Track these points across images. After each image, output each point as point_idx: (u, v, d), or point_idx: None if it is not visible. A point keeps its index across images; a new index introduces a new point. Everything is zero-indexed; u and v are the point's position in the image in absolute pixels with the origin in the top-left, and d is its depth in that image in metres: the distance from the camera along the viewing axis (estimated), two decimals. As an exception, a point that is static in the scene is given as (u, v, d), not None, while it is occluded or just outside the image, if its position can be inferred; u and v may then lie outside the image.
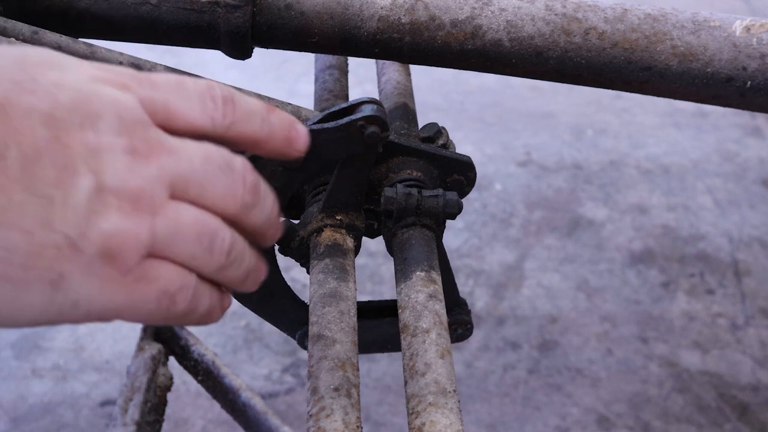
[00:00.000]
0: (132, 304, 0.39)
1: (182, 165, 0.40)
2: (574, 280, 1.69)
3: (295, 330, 0.75)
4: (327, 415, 0.49)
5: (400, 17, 0.71)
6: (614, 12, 0.73)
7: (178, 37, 0.72)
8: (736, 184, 1.98)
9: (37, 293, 0.36)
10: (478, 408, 1.43)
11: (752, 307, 1.64)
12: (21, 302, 0.36)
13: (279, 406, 1.41)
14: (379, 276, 1.66)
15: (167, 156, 0.39)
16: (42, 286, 0.36)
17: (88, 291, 0.38)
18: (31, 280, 0.36)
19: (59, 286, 0.37)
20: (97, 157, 0.37)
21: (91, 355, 1.49)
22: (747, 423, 1.41)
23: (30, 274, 0.36)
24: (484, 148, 2.06)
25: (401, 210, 0.66)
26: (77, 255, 0.37)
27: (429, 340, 0.56)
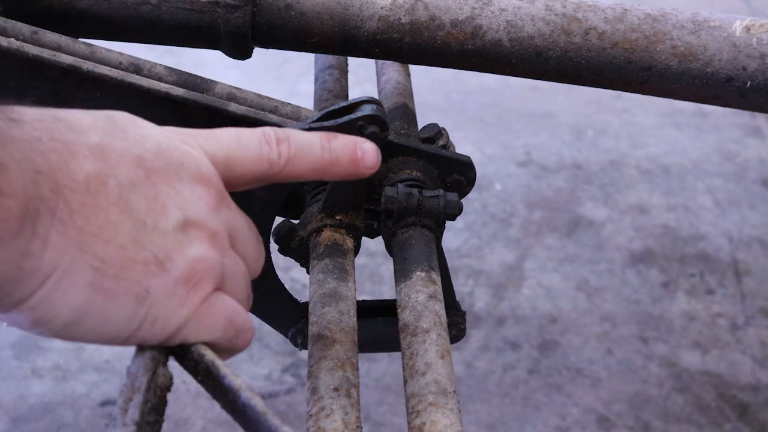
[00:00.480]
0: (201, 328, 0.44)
1: (238, 223, 0.47)
2: (574, 280, 1.69)
3: (287, 328, 0.75)
4: (327, 415, 0.49)
5: (400, 17, 0.71)
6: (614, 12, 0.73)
7: (178, 37, 0.73)
8: (736, 184, 1.98)
9: (124, 305, 0.40)
10: (478, 408, 1.43)
11: (752, 307, 1.64)
12: (108, 312, 0.40)
13: (279, 406, 1.41)
14: (379, 276, 1.66)
15: (228, 210, 0.46)
16: (128, 298, 0.40)
17: (166, 309, 0.42)
18: (120, 292, 0.40)
19: (144, 301, 0.41)
20: (182, 197, 0.43)
21: (91, 355, 1.49)
22: (747, 423, 1.41)
23: (120, 285, 0.40)
24: (484, 148, 2.06)
25: (402, 209, 0.66)
26: (163, 274, 0.41)
27: (429, 340, 0.56)
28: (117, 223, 0.40)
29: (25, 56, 0.63)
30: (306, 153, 0.48)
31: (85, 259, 0.39)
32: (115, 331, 0.41)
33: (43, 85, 0.64)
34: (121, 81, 0.64)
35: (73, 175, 0.39)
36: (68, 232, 0.38)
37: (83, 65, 0.64)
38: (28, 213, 0.37)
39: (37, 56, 0.63)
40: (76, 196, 0.39)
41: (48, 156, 0.38)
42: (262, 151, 0.47)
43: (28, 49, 0.63)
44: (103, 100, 0.65)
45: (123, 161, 0.41)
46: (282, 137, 0.48)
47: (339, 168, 0.50)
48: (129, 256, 0.40)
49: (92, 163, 0.40)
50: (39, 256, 0.37)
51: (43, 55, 0.63)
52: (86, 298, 0.39)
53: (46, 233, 0.37)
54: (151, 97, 0.65)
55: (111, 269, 0.39)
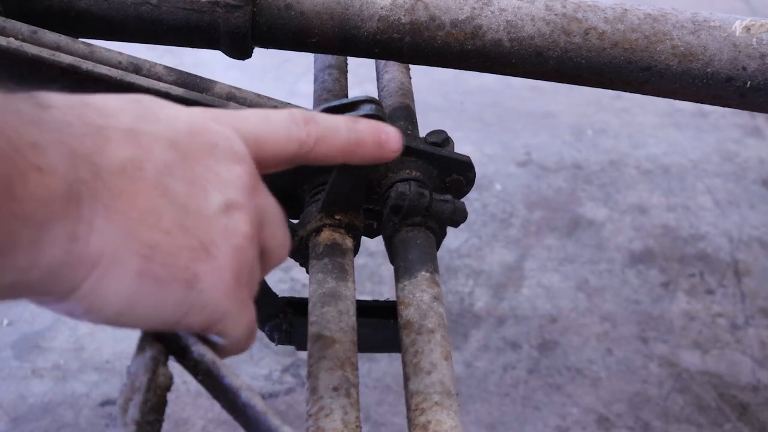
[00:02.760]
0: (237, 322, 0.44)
1: (270, 206, 0.46)
2: (574, 280, 1.69)
3: (264, 323, 0.75)
4: (326, 415, 0.49)
5: (400, 17, 0.71)
6: (614, 12, 0.73)
7: (178, 37, 0.73)
8: (736, 184, 1.98)
9: (174, 291, 0.40)
10: (478, 408, 1.42)
11: (752, 307, 1.64)
12: (159, 299, 0.39)
13: (279, 406, 1.41)
14: (379, 276, 1.66)
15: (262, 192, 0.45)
16: (178, 284, 0.40)
17: (213, 296, 0.41)
18: (169, 278, 0.39)
19: (193, 286, 0.40)
20: (220, 178, 0.42)
21: (91, 355, 1.49)
22: (747, 423, 1.41)
23: (169, 271, 0.39)
24: (484, 148, 2.06)
25: (411, 208, 0.66)
26: (210, 260, 0.41)
27: (434, 341, 0.56)
28: (160, 207, 0.39)
29: (24, 56, 0.63)
30: (333, 134, 0.47)
31: (132, 246, 0.38)
32: (165, 316, 0.40)
33: (42, 85, 0.64)
34: (120, 80, 0.64)
35: (110, 159, 0.38)
36: (112, 216, 0.37)
37: (83, 65, 0.64)
38: (71, 194, 0.35)
39: (36, 56, 0.63)
40: (115, 180, 0.37)
41: (82, 140, 0.37)
42: (291, 131, 0.46)
43: (27, 49, 0.63)
44: (103, 100, 0.65)
45: (156, 145, 0.40)
46: (309, 117, 0.47)
47: (365, 150, 0.49)
48: (175, 241, 0.39)
49: (126, 147, 0.38)
50: (86, 240, 0.36)
51: (43, 54, 0.63)
52: (136, 285, 0.38)
53: (90, 217, 0.36)
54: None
55: (159, 256, 0.39)
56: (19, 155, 0.33)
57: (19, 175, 0.33)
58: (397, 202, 0.66)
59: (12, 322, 1.54)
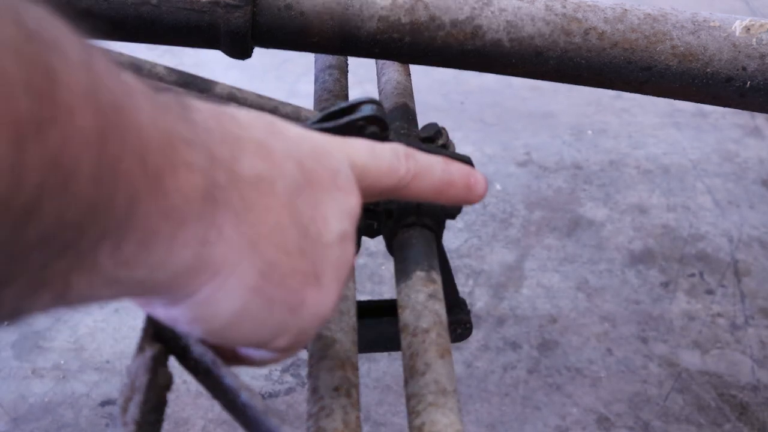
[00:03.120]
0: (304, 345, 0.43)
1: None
2: (574, 280, 1.69)
3: None
4: (327, 415, 0.49)
5: (400, 17, 0.71)
6: (614, 12, 0.73)
7: (178, 37, 0.72)
8: (736, 184, 1.98)
9: (280, 312, 0.39)
10: (478, 408, 1.43)
11: (752, 307, 1.64)
12: (264, 317, 0.39)
13: (279, 406, 1.41)
14: (379, 276, 1.66)
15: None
16: (285, 306, 0.39)
17: (311, 323, 0.41)
18: (279, 299, 0.39)
19: (297, 311, 0.40)
20: (339, 207, 0.41)
21: (91, 355, 1.49)
22: (747, 423, 1.41)
23: (281, 293, 0.38)
24: (483, 148, 2.06)
25: (401, 210, 0.66)
26: (318, 288, 0.40)
27: (429, 340, 0.56)
28: (286, 227, 0.38)
29: (25, 56, 0.63)
30: (429, 172, 0.47)
31: (254, 261, 0.37)
32: (263, 336, 0.40)
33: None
34: (121, 81, 0.64)
35: (245, 170, 0.37)
36: (241, 227, 0.36)
37: (83, 65, 0.64)
38: (208, 197, 0.35)
39: (37, 56, 0.63)
40: (249, 192, 0.37)
41: (221, 146, 0.36)
42: (393, 165, 0.46)
43: (28, 49, 0.63)
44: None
45: (287, 163, 0.39)
46: (410, 154, 0.47)
47: (454, 191, 0.49)
48: (293, 264, 0.38)
49: (260, 161, 0.38)
50: (214, 246, 0.35)
51: (43, 55, 0.63)
52: (248, 301, 0.38)
53: (222, 223, 0.35)
54: (151, 97, 0.65)
55: (276, 275, 0.38)
56: (171, 148, 0.33)
57: (171, 168, 0.32)
58: (387, 206, 0.66)
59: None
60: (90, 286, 0.32)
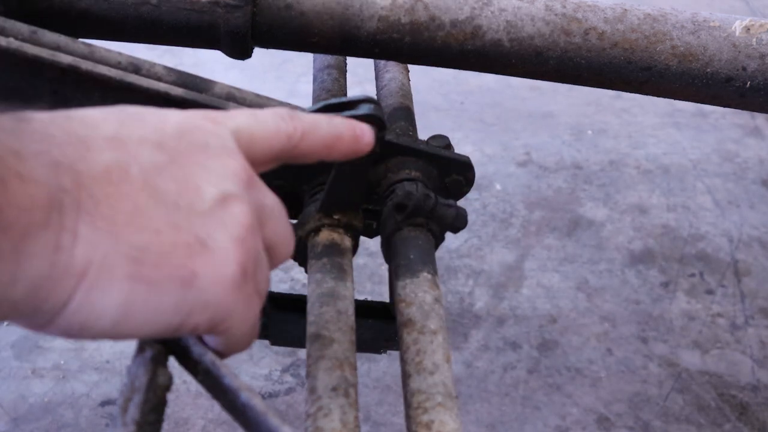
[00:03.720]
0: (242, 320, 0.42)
1: (270, 201, 0.45)
2: (574, 280, 1.69)
3: None
4: (325, 415, 0.49)
5: (400, 17, 0.71)
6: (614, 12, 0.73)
7: (178, 37, 0.72)
8: (736, 184, 1.98)
9: (171, 292, 0.38)
10: (478, 408, 1.43)
11: (752, 307, 1.64)
12: (155, 302, 0.38)
13: (279, 406, 1.41)
14: (379, 276, 1.66)
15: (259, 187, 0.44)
16: (174, 284, 0.38)
17: (215, 291, 0.40)
18: (163, 279, 0.38)
19: (191, 284, 0.39)
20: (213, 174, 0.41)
21: (91, 355, 1.49)
22: (747, 423, 1.41)
23: (163, 272, 0.38)
24: (483, 148, 2.06)
25: (416, 208, 0.66)
26: (208, 254, 0.39)
27: (437, 342, 0.56)
28: (147, 208, 0.38)
29: (24, 56, 0.63)
30: (315, 128, 0.48)
31: (120, 250, 0.36)
32: (166, 320, 0.39)
33: (42, 85, 0.64)
34: (120, 81, 0.64)
35: (92, 165, 0.37)
36: (96, 223, 0.36)
37: (82, 65, 0.64)
38: (53, 203, 0.34)
39: (36, 56, 0.63)
40: (99, 186, 0.37)
41: (64, 149, 0.36)
42: (279, 126, 0.46)
43: (27, 49, 0.63)
44: (102, 100, 0.65)
45: (142, 148, 0.39)
46: (292, 113, 0.48)
47: (343, 144, 0.49)
48: (167, 240, 0.38)
49: (110, 153, 0.38)
50: (70, 250, 0.35)
51: (43, 54, 0.63)
52: (128, 291, 0.37)
53: (74, 225, 0.35)
54: (151, 97, 0.65)
55: (150, 256, 0.37)
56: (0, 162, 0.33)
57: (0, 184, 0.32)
58: (402, 201, 0.66)
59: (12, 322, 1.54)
60: None
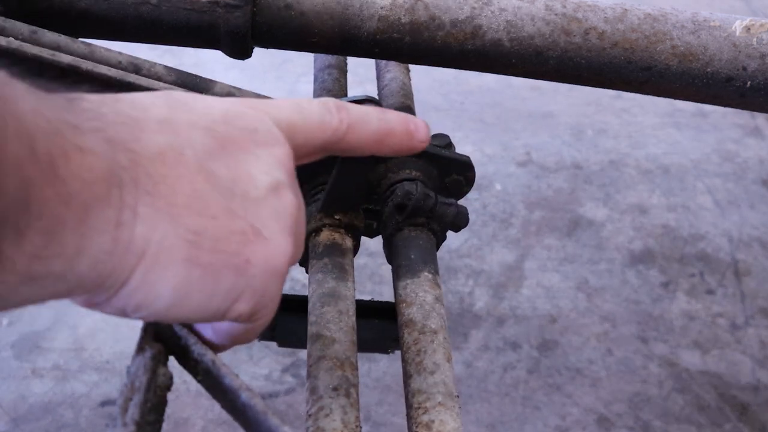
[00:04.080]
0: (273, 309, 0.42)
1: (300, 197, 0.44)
2: (574, 280, 1.69)
3: None
4: (326, 415, 0.49)
5: (400, 17, 0.71)
6: (614, 12, 0.72)
7: (178, 37, 0.72)
8: (736, 184, 1.98)
9: (225, 278, 0.38)
10: (478, 408, 1.42)
11: (752, 307, 1.64)
12: (210, 287, 0.38)
13: (279, 406, 1.41)
14: (379, 276, 1.66)
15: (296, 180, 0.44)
16: (229, 270, 0.38)
17: (266, 280, 0.40)
18: (219, 265, 0.38)
19: (245, 272, 0.39)
20: (264, 161, 0.41)
21: (91, 355, 1.49)
22: (747, 423, 1.41)
23: (218, 258, 0.38)
24: (484, 148, 2.06)
25: (417, 208, 0.66)
26: (263, 243, 0.39)
27: (437, 341, 0.56)
28: (204, 192, 0.37)
29: (23, 55, 0.63)
30: (364, 122, 0.46)
31: (178, 233, 0.36)
32: (216, 305, 0.39)
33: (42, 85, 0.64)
34: (120, 80, 0.64)
35: (147, 146, 0.36)
36: (156, 203, 0.36)
37: (82, 65, 0.64)
38: (112, 179, 0.34)
39: (36, 55, 0.63)
40: (155, 167, 0.36)
41: (117, 129, 0.36)
42: (324, 119, 0.45)
43: (27, 49, 0.63)
44: (103, 100, 0.65)
45: (194, 132, 0.38)
46: (341, 105, 0.46)
47: (394, 139, 0.48)
48: (223, 226, 0.38)
49: (162, 135, 0.37)
50: (131, 227, 0.35)
51: (42, 54, 0.63)
52: (185, 274, 0.37)
53: (134, 203, 0.35)
54: (151, 97, 0.65)
55: (207, 242, 0.37)
56: (59, 135, 0.33)
57: (62, 154, 0.32)
58: (402, 200, 0.66)
59: (12, 322, 1.54)
60: (6, 285, 0.31)
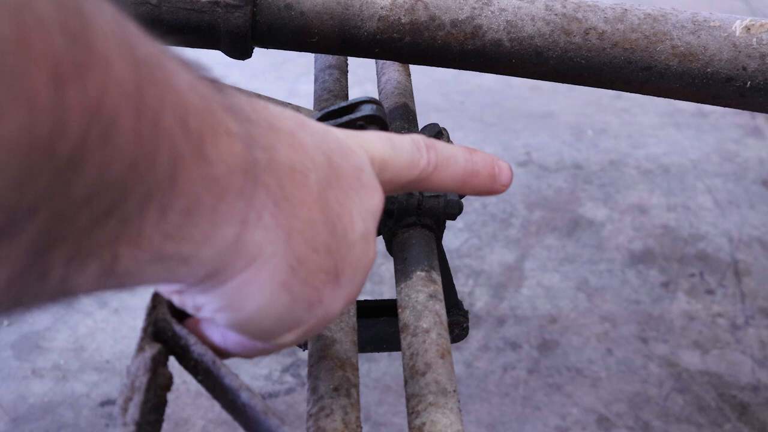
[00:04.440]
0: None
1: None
2: (574, 280, 1.69)
3: None
4: (327, 415, 0.49)
5: (400, 17, 0.71)
6: (614, 12, 0.72)
7: (178, 37, 0.72)
8: (736, 184, 1.98)
9: (298, 309, 0.38)
10: (478, 408, 1.42)
11: (752, 307, 1.64)
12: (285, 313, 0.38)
13: (279, 406, 1.41)
14: (379, 276, 1.66)
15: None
16: (305, 304, 0.38)
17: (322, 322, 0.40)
18: (301, 296, 0.38)
19: (313, 309, 0.39)
20: (363, 206, 0.40)
21: (91, 355, 1.49)
22: (747, 423, 1.41)
23: (304, 290, 0.37)
24: (483, 148, 2.06)
25: (402, 210, 0.66)
26: (336, 287, 0.39)
27: (429, 340, 0.56)
28: (317, 223, 0.37)
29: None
30: (451, 163, 0.46)
31: (287, 255, 0.36)
32: (277, 331, 0.39)
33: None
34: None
35: (283, 157, 0.35)
36: (279, 217, 0.35)
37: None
38: (250, 172, 0.33)
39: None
40: (286, 181, 0.35)
41: (258, 129, 0.35)
42: (414, 157, 0.44)
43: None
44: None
45: (317, 156, 0.38)
46: (430, 144, 0.46)
47: (478, 181, 0.47)
48: (318, 261, 0.37)
49: (293, 152, 0.36)
50: (253, 230, 0.34)
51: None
52: (276, 295, 0.36)
53: (261, 207, 0.34)
54: (151, 97, 0.65)
55: (302, 272, 0.37)
56: (211, 114, 0.31)
57: (212, 134, 0.31)
58: (387, 206, 0.66)
59: (12, 322, 1.54)
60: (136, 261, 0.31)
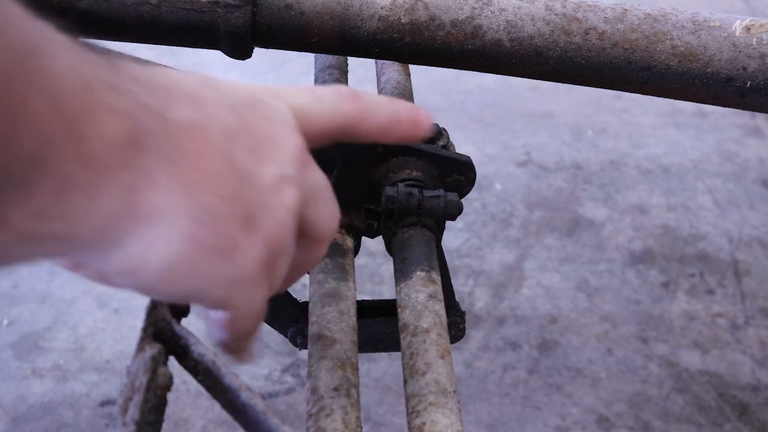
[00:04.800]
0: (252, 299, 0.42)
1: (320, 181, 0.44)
2: (574, 280, 1.69)
3: (287, 328, 0.75)
4: (327, 415, 0.49)
5: (400, 17, 0.71)
6: (614, 12, 0.73)
7: (178, 37, 0.72)
8: (736, 184, 1.98)
9: (212, 259, 0.38)
10: (478, 408, 1.42)
11: (752, 307, 1.64)
12: (197, 265, 0.38)
13: (279, 406, 1.41)
14: (379, 276, 1.66)
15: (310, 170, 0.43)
16: (218, 253, 0.38)
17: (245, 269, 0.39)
18: (212, 246, 0.38)
19: (229, 256, 0.39)
20: (276, 151, 0.41)
21: (91, 355, 1.49)
22: (747, 423, 1.41)
23: (214, 239, 0.38)
24: (484, 148, 2.06)
25: (402, 210, 0.66)
26: (251, 232, 0.39)
27: (429, 340, 0.56)
28: (220, 172, 0.38)
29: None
30: (376, 111, 0.47)
31: (189, 208, 0.36)
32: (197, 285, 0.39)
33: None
34: (121, 81, 0.64)
35: (179, 117, 0.37)
36: (175, 175, 0.36)
37: (83, 65, 0.64)
38: (137, 143, 0.34)
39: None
40: (182, 138, 0.36)
41: (151, 94, 0.36)
42: (338, 106, 0.46)
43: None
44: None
45: (220, 110, 0.39)
46: (354, 93, 0.47)
47: (401, 128, 0.49)
48: (227, 208, 0.38)
49: (192, 109, 0.38)
50: (144, 193, 0.35)
51: (43, 55, 0.63)
52: (181, 249, 0.37)
53: (153, 169, 0.35)
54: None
55: (210, 221, 0.37)
56: (91, 92, 0.32)
57: (89, 112, 0.32)
58: (387, 206, 0.66)
59: (12, 322, 1.54)
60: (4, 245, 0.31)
